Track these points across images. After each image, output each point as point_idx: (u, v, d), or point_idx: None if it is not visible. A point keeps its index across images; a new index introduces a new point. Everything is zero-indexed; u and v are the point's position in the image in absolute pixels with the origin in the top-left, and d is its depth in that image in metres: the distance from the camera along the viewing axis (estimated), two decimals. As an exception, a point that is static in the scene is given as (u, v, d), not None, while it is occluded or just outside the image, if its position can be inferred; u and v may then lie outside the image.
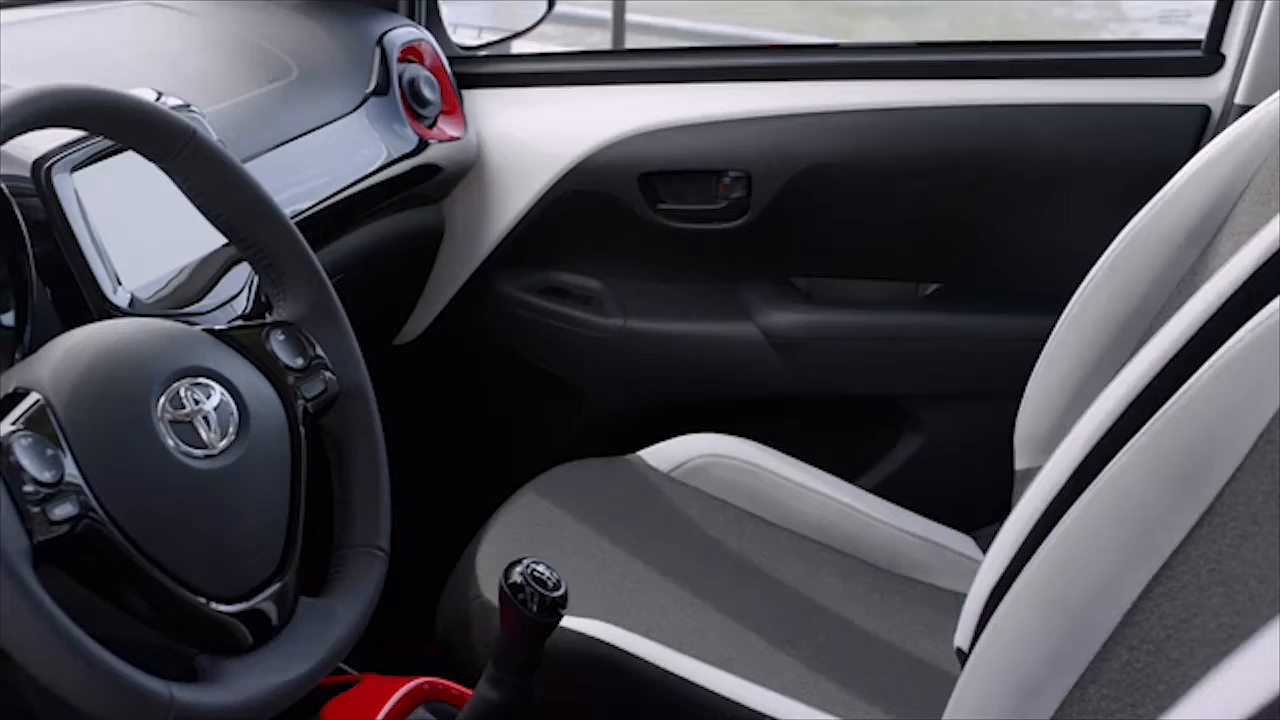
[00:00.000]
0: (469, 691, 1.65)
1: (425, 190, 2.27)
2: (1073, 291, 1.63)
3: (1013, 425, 1.72)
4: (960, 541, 1.95)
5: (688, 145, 2.24)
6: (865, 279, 2.29)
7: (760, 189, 2.20)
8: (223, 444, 1.16)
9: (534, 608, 1.47)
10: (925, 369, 2.24)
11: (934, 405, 2.25)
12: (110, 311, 1.44)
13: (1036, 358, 1.69)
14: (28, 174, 1.43)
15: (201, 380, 1.18)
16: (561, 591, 1.48)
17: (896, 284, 2.29)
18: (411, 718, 1.68)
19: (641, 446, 2.04)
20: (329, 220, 1.93)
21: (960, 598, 1.75)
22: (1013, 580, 1.04)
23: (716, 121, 2.24)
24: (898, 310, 2.26)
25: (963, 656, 1.33)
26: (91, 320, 1.24)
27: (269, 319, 1.31)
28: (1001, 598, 1.05)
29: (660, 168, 2.24)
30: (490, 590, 1.71)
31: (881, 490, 2.04)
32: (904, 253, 2.25)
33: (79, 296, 1.44)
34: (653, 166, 2.24)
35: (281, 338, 1.27)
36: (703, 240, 2.26)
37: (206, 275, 1.59)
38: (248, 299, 1.61)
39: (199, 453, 1.15)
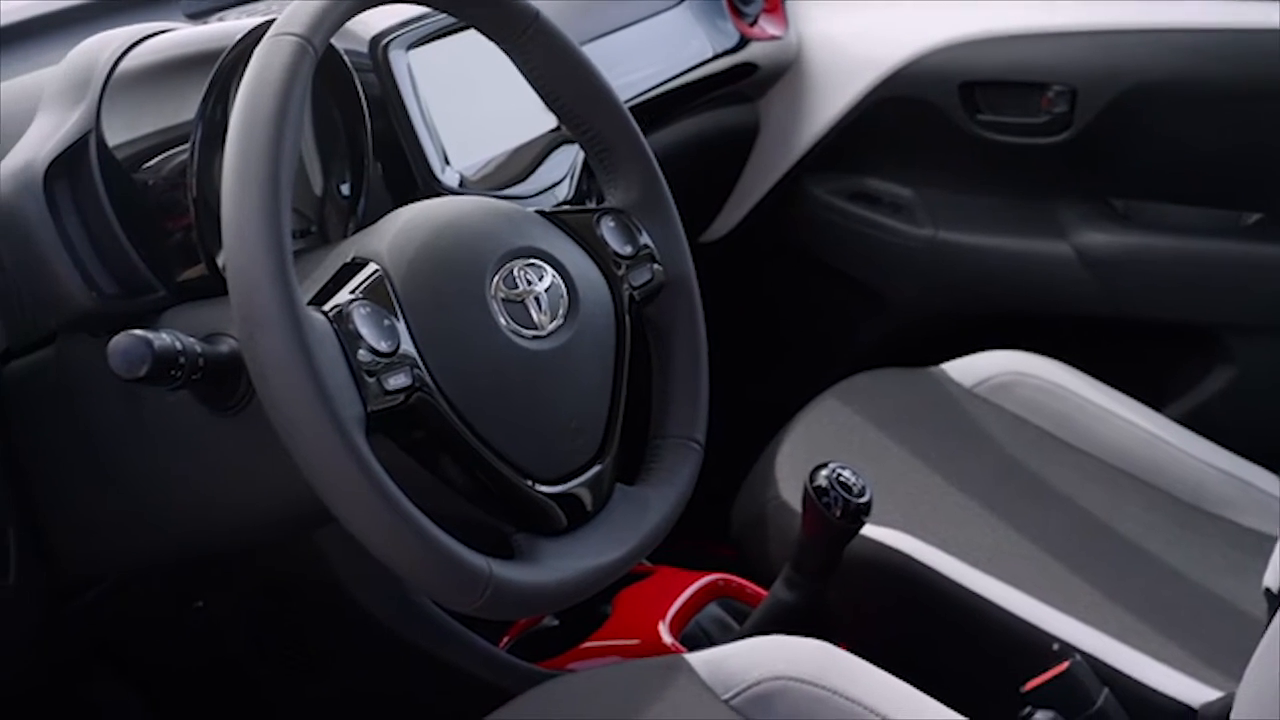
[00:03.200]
0: (762, 591, 1.67)
1: (742, 88, 2.26)
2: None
3: None
4: (1268, 480, 1.88)
5: (1012, 56, 2.20)
6: (1186, 204, 2.22)
7: (1084, 105, 2.15)
8: (552, 325, 1.16)
9: (838, 512, 1.47)
10: (1242, 300, 2.17)
11: (1248, 337, 2.18)
12: (438, 190, 1.47)
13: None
14: (366, 49, 1.46)
15: (534, 261, 1.18)
16: (866, 498, 1.48)
17: (1218, 210, 2.22)
18: (704, 613, 1.70)
19: (944, 359, 2.02)
20: (648, 114, 1.94)
21: (1265, 537, 1.72)
22: None
23: (1042, 34, 2.19)
24: (1218, 238, 2.19)
25: (1272, 598, 1.30)
26: (419, 197, 1.25)
27: (599, 204, 1.32)
28: None
29: (982, 78, 2.20)
30: (789, 492, 1.72)
31: (1187, 421, 1.99)
32: (1228, 179, 2.17)
33: (408, 173, 1.47)
34: (974, 76, 2.20)
35: (612, 224, 1.27)
36: (1021, 154, 2.22)
37: (530, 159, 1.61)
38: (570, 185, 1.62)
39: (529, 333, 1.15)
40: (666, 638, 1.62)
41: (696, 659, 1.37)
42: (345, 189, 1.38)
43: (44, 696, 1.73)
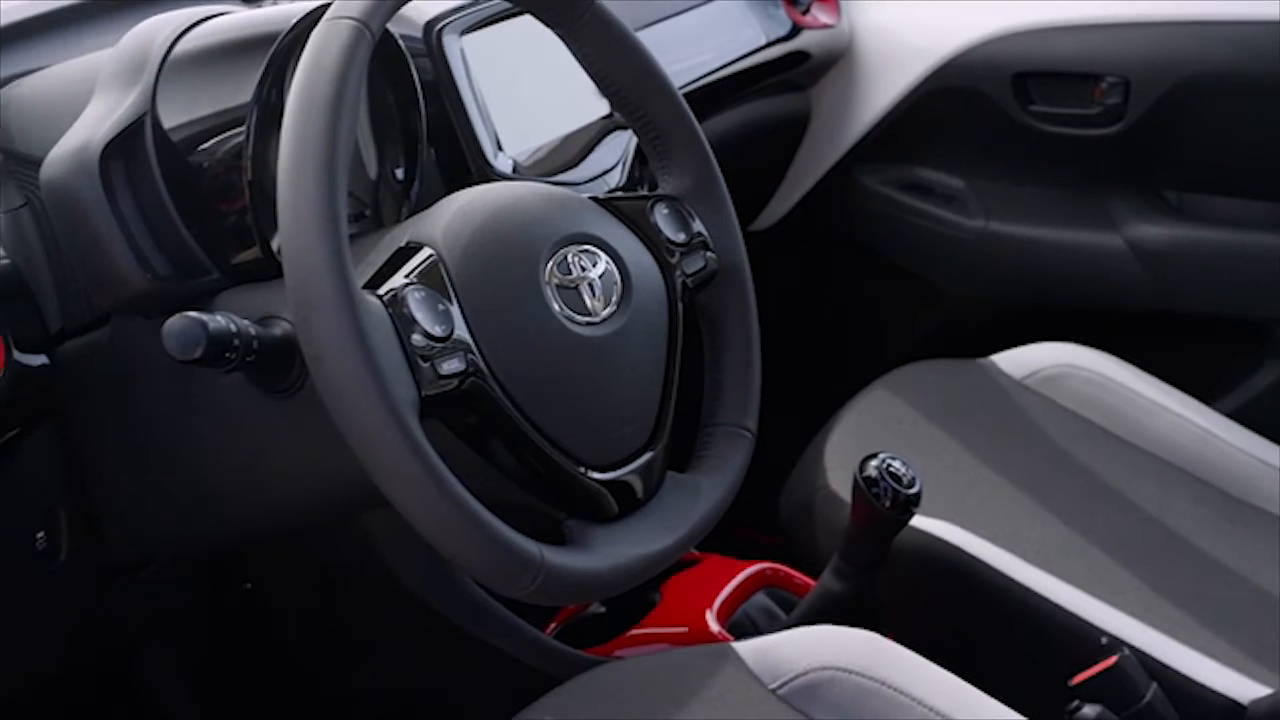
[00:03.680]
0: (810, 581, 1.67)
1: (794, 77, 2.26)
2: None
3: None
4: (1319, 478, 1.88)
5: (1065, 47, 2.19)
6: (1239, 197, 2.20)
7: (1138, 96, 2.13)
8: (605, 312, 1.17)
9: (887, 503, 1.47)
10: (1297, 295, 2.16)
11: (1302, 334, 2.17)
12: (490, 175, 1.47)
13: None
14: (419, 34, 1.47)
15: (588, 247, 1.18)
16: (916, 489, 1.48)
17: (1271, 204, 2.20)
18: (751, 602, 1.70)
19: (994, 350, 2.01)
20: (700, 101, 1.93)
21: (1317, 534, 1.71)
22: None
23: (1096, 24, 2.17)
24: (1270, 231, 2.17)
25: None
26: (472, 183, 1.25)
27: (652, 191, 1.32)
28: None
29: (1035, 68, 2.19)
30: (837, 482, 1.71)
31: (1237, 415, 1.97)
32: (1280, 172, 2.16)
33: (461, 158, 1.47)
34: (1027, 66, 2.19)
35: (665, 211, 1.27)
36: (1074, 145, 2.20)
37: (582, 146, 1.61)
38: (622, 172, 1.62)
39: (582, 319, 1.15)
40: (714, 626, 1.62)
41: (744, 648, 1.37)
42: (399, 173, 1.38)
43: (95, 676, 1.74)
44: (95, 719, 1.83)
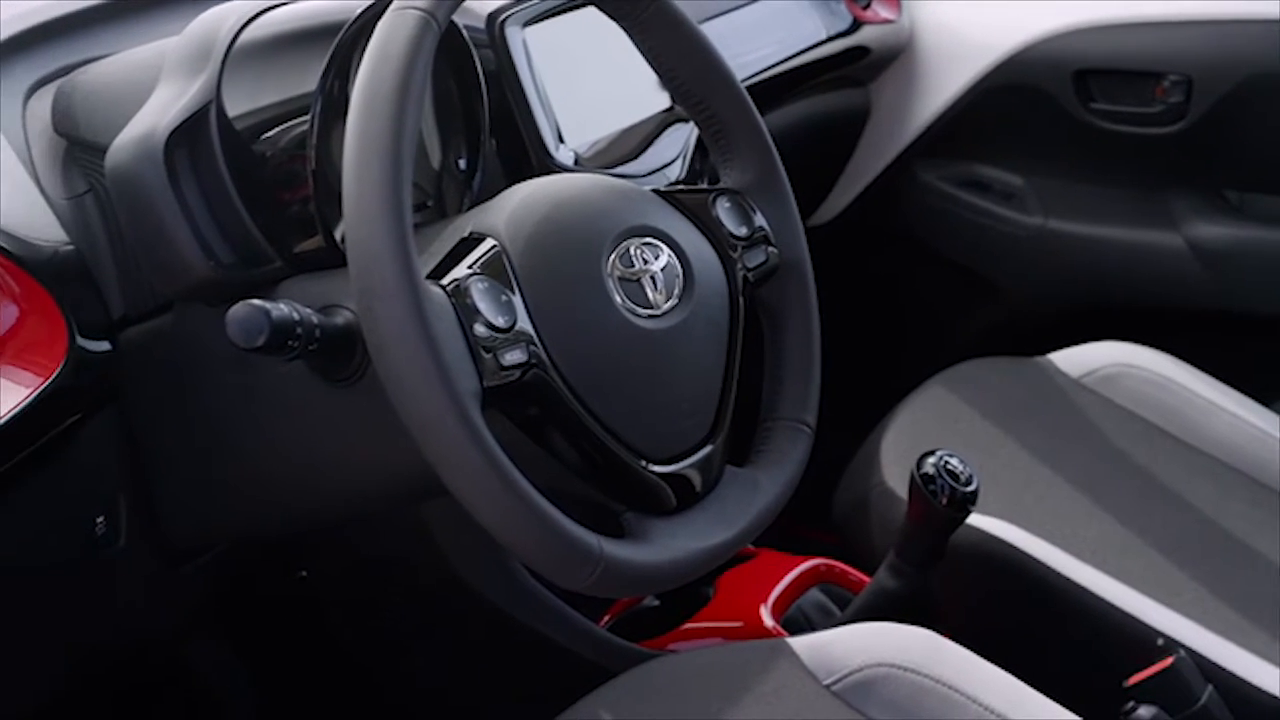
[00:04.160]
0: (864, 577, 1.67)
1: (854, 72, 2.26)
2: None
3: None
4: (1379, 482, 1.86)
5: (1127, 44, 2.17)
6: (1303, 196, 2.19)
7: (1200, 95, 2.12)
8: (667, 305, 1.17)
9: (944, 500, 1.47)
10: (1356, 295, 2.14)
11: (1365, 334, 2.16)
12: (551, 167, 1.47)
13: None
14: (482, 25, 1.47)
15: (650, 240, 1.18)
16: (973, 487, 1.48)
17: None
18: (805, 597, 1.70)
19: (1051, 349, 2.00)
20: (760, 95, 1.93)
21: (1376, 539, 1.70)
22: None
23: (1159, 22, 2.16)
24: (1332, 232, 2.16)
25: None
26: (533, 174, 1.25)
27: (714, 185, 1.32)
28: None
29: (1097, 65, 2.18)
30: (893, 478, 1.71)
31: (1298, 418, 1.97)
32: (1349, 173, 2.15)
33: (522, 150, 1.47)
34: (1089, 64, 2.18)
35: (727, 205, 1.27)
36: (1134, 144, 2.19)
37: (642, 139, 1.61)
38: (682, 165, 1.62)
39: (644, 312, 1.15)
40: (768, 621, 1.62)
41: (799, 643, 1.36)
42: (462, 163, 1.38)
43: (149, 663, 1.75)
44: (149, 706, 1.84)
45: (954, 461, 1.48)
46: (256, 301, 1.05)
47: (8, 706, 1.31)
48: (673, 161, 1.61)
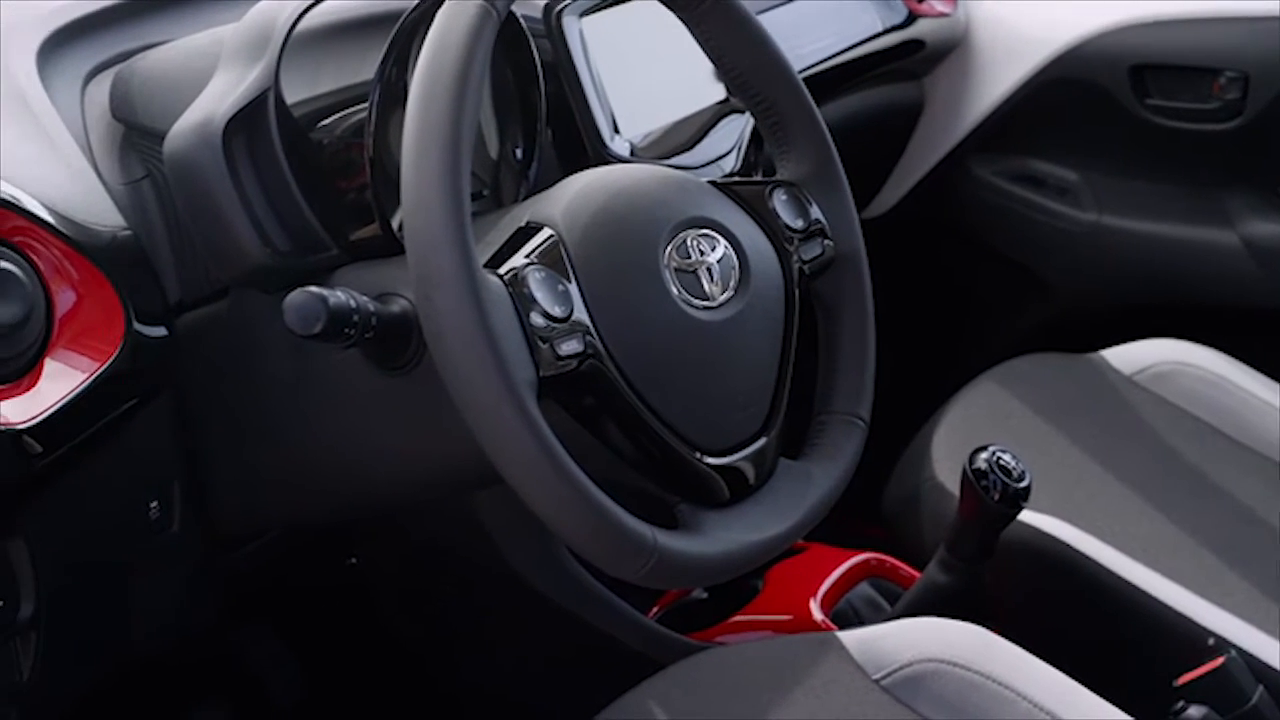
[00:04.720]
0: (914, 572, 1.67)
1: (909, 65, 2.25)
2: None
3: None
4: None
5: (1184, 40, 2.16)
6: (1358, 196, 2.18)
7: (1257, 92, 2.10)
8: (723, 297, 1.17)
9: (996, 496, 1.46)
10: None
11: None
12: (607, 157, 1.47)
13: None
14: (539, 15, 1.47)
15: (707, 231, 1.18)
16: (1026, 483, 1.47)
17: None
18: (855, 591, 1.70)
19: (1103, 346, 1.99)
20: (815, 87, 1.92)
21: None
22: None
23: (1216, 18, 2.15)
24: (1393, 231, 2.14)
25: None
26: (588, 164, 1.25)
27: (770, 177, 1.31)
28: None
29: (1153, 61, 2.17)
30: (945, 473, 1.71)
31: (1350, 418, 1.95)
32: None
33: (578, 140, 1.47)
34: (1145, 59, 2.17)
35: (784, 197, 1.27)
36: (1190, 140, 2.18)
37: (697, 130, 1.61)
38: (738, 157, 1.62)
39: (700, 303, 1.15)
40: (818, 615, 1.62)
41: (848, 637, 1.36)
42: (519, 153, 1.39)
43: (202, 649, 1.76)
44: (197, 693, 1.85)
45: (1006, 457, 1.47)
46: (314, 288, 1.06)
47: (59, 689, 1.31)
48: (728, 153, 1.60)
